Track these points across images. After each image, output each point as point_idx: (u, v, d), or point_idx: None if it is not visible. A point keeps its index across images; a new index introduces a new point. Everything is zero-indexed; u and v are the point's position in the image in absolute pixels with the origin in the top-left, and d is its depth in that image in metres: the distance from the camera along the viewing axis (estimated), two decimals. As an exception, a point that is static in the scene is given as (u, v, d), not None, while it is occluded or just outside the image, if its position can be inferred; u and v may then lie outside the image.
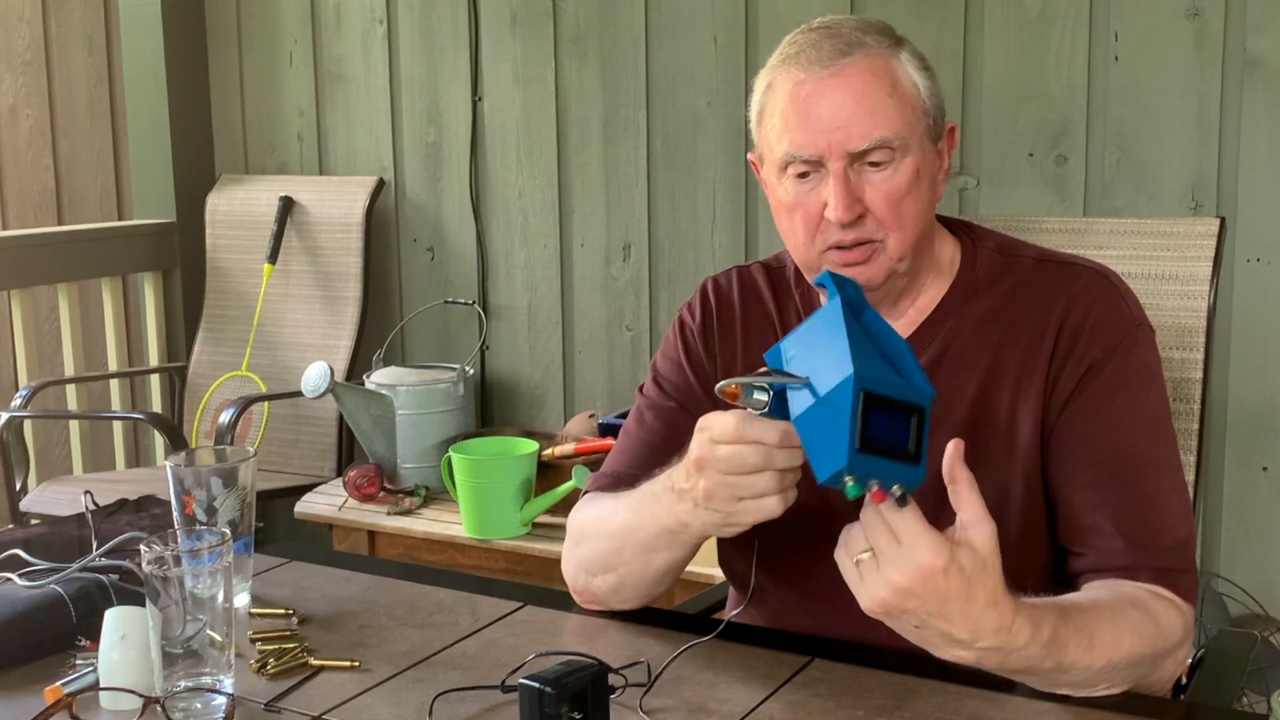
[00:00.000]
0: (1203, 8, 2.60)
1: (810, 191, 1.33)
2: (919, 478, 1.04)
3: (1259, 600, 2.62)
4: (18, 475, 3.25)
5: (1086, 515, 1.31)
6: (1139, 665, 1.20)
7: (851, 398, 1.03)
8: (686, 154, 3.17)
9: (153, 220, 3.80)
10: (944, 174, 1.39)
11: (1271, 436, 2.64)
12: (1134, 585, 1.26)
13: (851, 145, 1.30)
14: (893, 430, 1.05)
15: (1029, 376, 1.34)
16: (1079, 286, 1.37)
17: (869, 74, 1.31)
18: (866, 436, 1.03)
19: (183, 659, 1.15)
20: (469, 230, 3.49)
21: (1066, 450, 1.32)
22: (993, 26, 2.79)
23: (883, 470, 1.04)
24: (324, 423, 3.47)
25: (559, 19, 3.29)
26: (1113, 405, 1.32)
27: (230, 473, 1.38)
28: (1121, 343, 1.34)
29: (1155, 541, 1.28)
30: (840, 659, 1.27)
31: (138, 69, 3.80)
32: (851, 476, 1.04)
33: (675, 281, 3.22)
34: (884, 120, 1.30)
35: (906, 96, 1.32)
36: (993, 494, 1.33)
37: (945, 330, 1.39)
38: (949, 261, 1.42)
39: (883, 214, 1.32)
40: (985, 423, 1.35)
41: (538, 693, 1.09)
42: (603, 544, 1.38)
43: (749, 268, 1.53)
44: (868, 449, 1.04)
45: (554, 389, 3.42)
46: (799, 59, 1.33)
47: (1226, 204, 2.62)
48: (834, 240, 1.33)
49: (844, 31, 1.33)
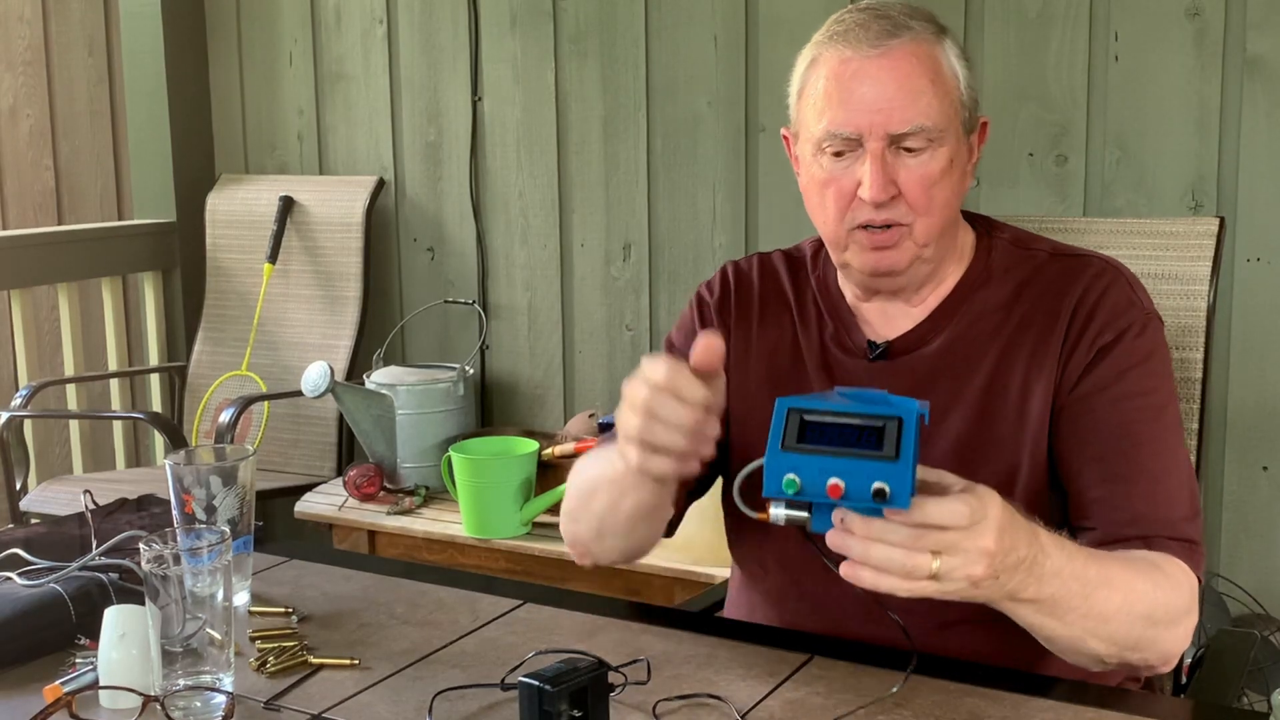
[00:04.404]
0: (1203, 7, 2.60)
1: (845, 170, 1.34)
2: (901, 472, 1.03)
3: (1259, 600, 2.62)
4: (18, 475, 3.25)
5: (1094, 489, 1.32)
6: (1154, 616, 1.21)
7: (778, 414, 1.08)
8: (686, 154, 3.17)
9: (153, 220, 3.80)
10: (973, 167, 1.41)
11: (1271, 436, 2.64)
12: (1144, 551, 1.27)
13: (892, 127, 1.31)
14: (847, 436, 1.05)
15: (1041, 360, 1.36)
16: (1091, 274, 1.39)
17: (914, 58, 1.32)
18: (794, 441, 1.05)
19: (182, 658, 1.15)
20: (469, 230, 3.49)
21: (1075, 428, 1.34)
22: (992, 26, 2.79)
23: (843, 469, 1.04)
24: (324, 423, 3.47)
25: (559, 19, 3.29)
26: (1120, 384, 1.33)
27: (230, 472, 1.38)
28: (1131, 327, 1.35)
29: (1162, 514, 1.30)
30: (840, 656, 1.27)
31: (138, 69, 3.80)
32: (791, 474, 1.04)
33: (675, 281, 3.22)
34: (925, 106, 1.31)
35: (947, 86, 1.34)
36: (1001, 473, 1.34)
37: (959, 314, 1.40)
38: (967, 250, 1.44)
39: (915, 198, 1.33)
40: (997, 404, 1.36)
41: (537, 691, 1.09)
42: (581, 492, 1.42)
43: (770, 255, 1.54)
44: (799, 449, 1.05)
45: (554, 389, 3.42)
46: (846, 37, 1.34)
47: (1226, 204, 2.62)
48: (864, 219, 1.34)
49: (892, 14, 1.34)
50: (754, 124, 3.08)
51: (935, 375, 1.39)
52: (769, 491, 1.05)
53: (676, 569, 2.62)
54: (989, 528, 1.05)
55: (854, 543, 1.05)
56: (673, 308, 3.21)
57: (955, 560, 1.05)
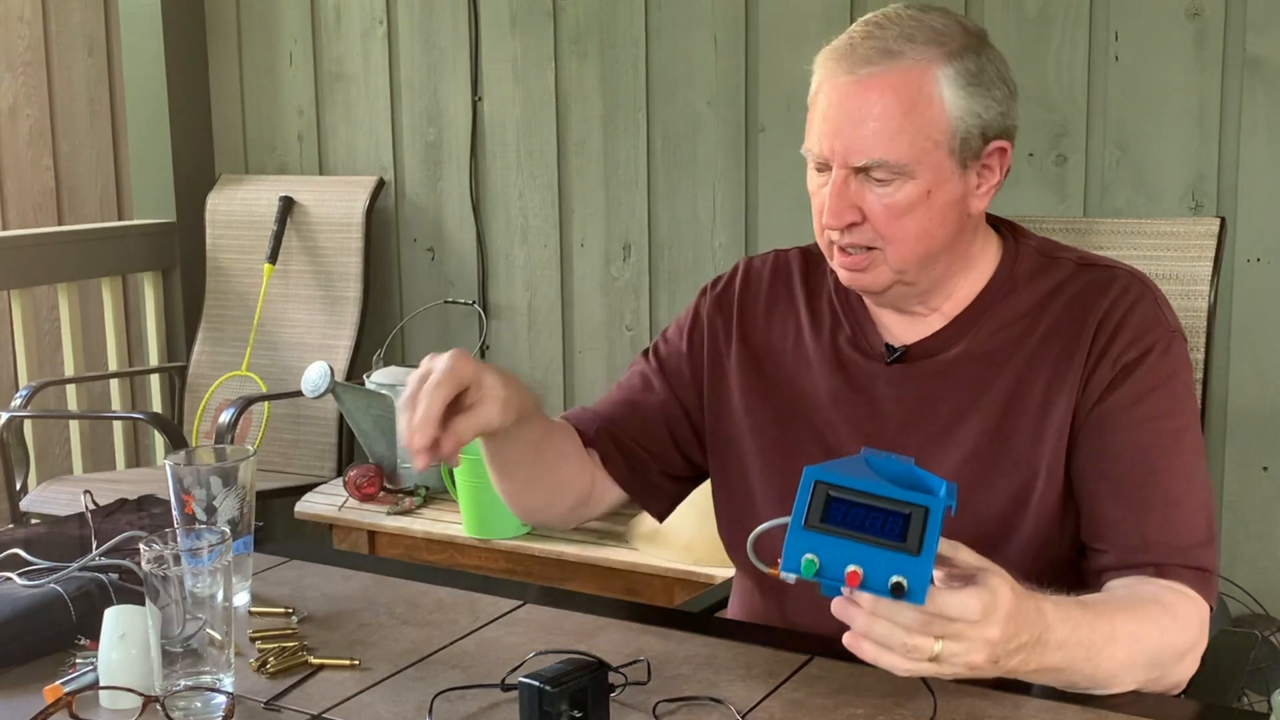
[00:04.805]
0: (1203, 8, 2.60)
1: (822, 187, 1.34)
2: (921, 568, 1.01)
3: (1259, 600, 2.62)
4: (18, 475, 3.25)
5: (1110, 512, 1.31)
6: (1158, 661, 1.21)
7: (804, 488, 1.05)
8: (686, 154, 3.17)
9: (153, 220, 3.80)
10: (988, 189, 1.36)
11: (1271, 436, 2.64)
12: (1154, 584, 1.26)
13: (851, 159, 1.30)
14: (871, 521, 1.03)
15: (1064, 374, 1.34)
16: (1118, 288, 1.37)
17: (889, 89, 1.28)
18: (817, 519, 1.03)
19: (182, 658, 1.15)
20: (469, 230, 3.49)
21: (1094, 448, 1.33)
22: (992, 26, 2.78)
23: (864, 557, 1.02)
24: (324, 423, 3.47)
25: (559, 19, 3.29)
26: (1143, 405, 1.32)
27: (230, 472, 1.37)
28: (1156, 345, 1.34)
29: (1176, 540, 1.28)
30: (840, 657, 1.27)
31: (138, 69, 3.80)
32: (810, 555, 1.03)
33: (675, 281, 3.22)
34: (887, 142, 1.28)
35: (926, 118, 1.29)
36: (1016, 484, 1.33)
37: (983, 321, 1.39)
38: (991, 258, 1.42)
39: (881, 227, 1.32)
40: (1016, 414, 1.35)
41: (537, 691, 1.09)
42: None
43: (786, 252, 1.54)
44: (821, 529, 1.03)
45: (554, 389, 3.42)
46: (839, 54, 1.32)
47: (1226, 204, 2.62)
48: (834, 238, 1.35)
49: (888, 35, 1.30)
50: (754, 124, 3.08)
51: (954, 380, 1.38)
52: (787, 568, 1.04)
53: (676, 569, 2.62)
54: (997, 619, 1.04)
55: (859, 616, 1.05)
56: (673, 308, 3.21)
57: (958, 647, 1.05)
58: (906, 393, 1.39)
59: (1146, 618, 1.21)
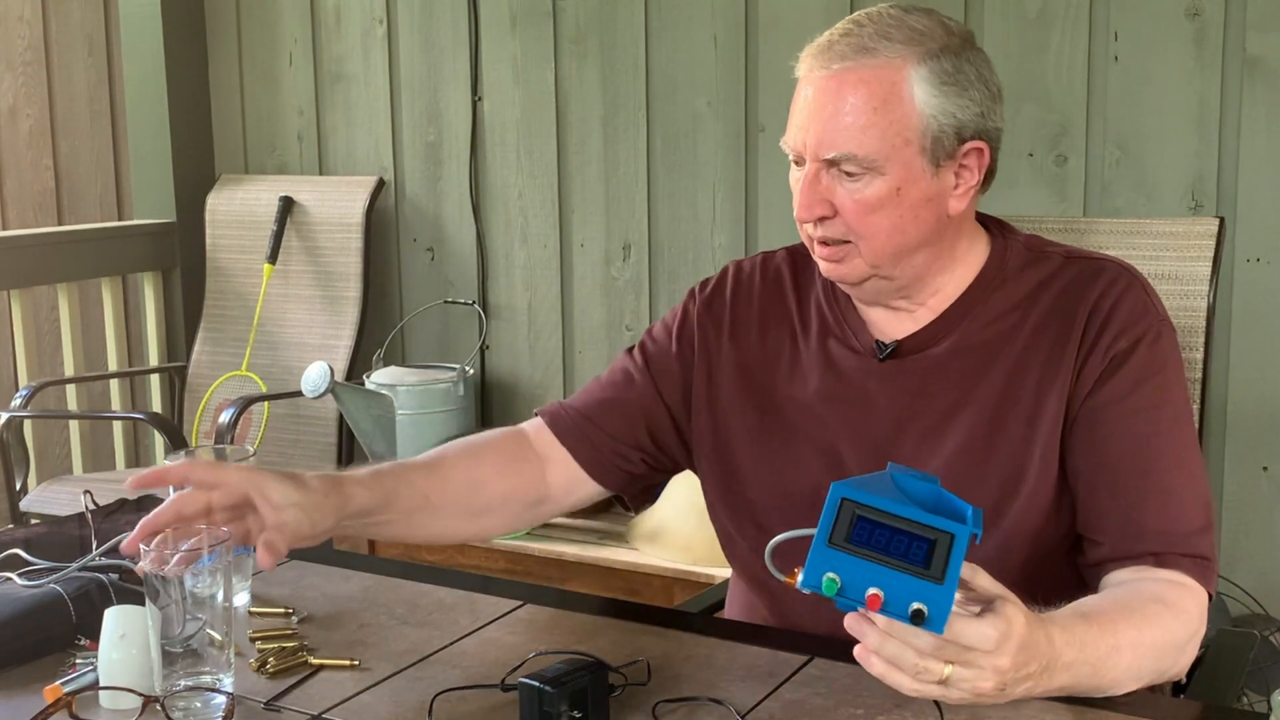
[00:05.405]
0: (1203, 8, 2.60)
1: (798, 181, 1.36)
2: (943, 597, 1.00)
3: (1259, 600, 2.62)
4: (18, 475, 3.25)
5: (1106, 503, 1.31)
6: (1162, 659, 1.21)
7: (830, 504, 1.04)
8: (686, 154, 3.17)
9: (153, 220, 3.80)
10: (966, 189, 1.37)
11: (1271, 436, 2.64)
12: (1151, 579, 1.26)
13: (821, 152, 1.32)
14: (896, 543, 1.02)
15: (1055, 364, 1.35)
16: (1106, 279, 1.38)
17: (860, 85, 1.30)
18: (842, 538, 1.02)
19: (182, 658, 1.15)
20: (469, 230, 3.49)
21: (1088, 439, 1.33)
22: (992, 27, 2.79)
23: (886, 580, 1.01)
24: (324, 423, 3.47)
25: (559, 19, 3.29)
26: (1135, 395, 1.32)
27: (230, 472, 1.37)
28: (1147, 334, 1.34)
29: (1174, 528, 1.28)
30: (840, 657, 1.27)
31: (138, 69, 3.80)
32: (832, 574, 1.01)
33: (675, 281, 3.22)
34: (856, 137, 1.30)
35: (897, 115, 1.30)
36: (1008, 477, 1.34)
37: (972, 315, 1.40)
38: (979, 254, 1.43)
39: (851, 221, 1.33)
40: (1008, 407, 1.35)
41: (538, 691, 1.09)
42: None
43: (774, 255, 1.54)
44: (845, 548, 1.02)
45: (554, 389, 3.42)
46: (817, 49, 1.35)
47: (1226, 204, 2.62)
48: (809, 231, 1.37)
49: (865, 33, 1.32)
50: (753, 124, 3.08)
51: (945, 375, 1.38)
52: (807, 585, 1.02)
53: (676, 569, 2.62)
54: (1009, 649, 1.04)
55: (872, 633, 1.05)
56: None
57: (967, 673, 1.05)
58: (899, 389, 1.40)
59: (1149, 621, 1.21)
